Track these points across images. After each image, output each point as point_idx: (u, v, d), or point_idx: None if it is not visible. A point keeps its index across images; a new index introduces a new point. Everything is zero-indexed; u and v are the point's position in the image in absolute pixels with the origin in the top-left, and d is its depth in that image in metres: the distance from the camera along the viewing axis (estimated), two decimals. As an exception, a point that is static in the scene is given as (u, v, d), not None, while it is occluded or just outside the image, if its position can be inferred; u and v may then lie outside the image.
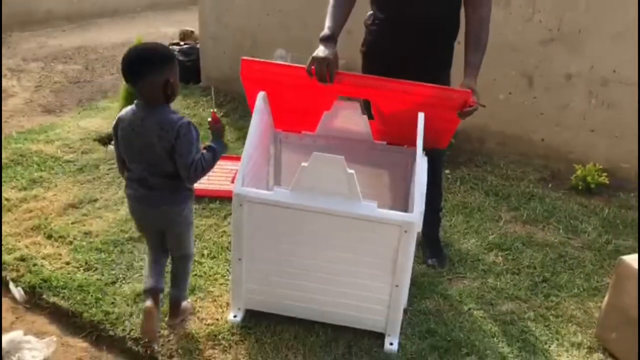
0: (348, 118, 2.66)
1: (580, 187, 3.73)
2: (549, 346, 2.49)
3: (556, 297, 2.78)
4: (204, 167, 2.15)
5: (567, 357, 2.45)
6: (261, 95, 2.41)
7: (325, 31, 2.48)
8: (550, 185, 3.83)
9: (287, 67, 2.56)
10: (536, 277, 2.91)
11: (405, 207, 2.62)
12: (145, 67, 2.08)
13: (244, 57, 2.48)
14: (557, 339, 2.54)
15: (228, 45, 5.08)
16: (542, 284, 2.87)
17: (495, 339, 2.51)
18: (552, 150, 4.00)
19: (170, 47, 5.49)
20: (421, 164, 2.35)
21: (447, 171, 3.86)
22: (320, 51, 2.38)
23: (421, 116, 2.35)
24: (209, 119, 2.25)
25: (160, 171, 2.16)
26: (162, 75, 2.07)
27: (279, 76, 2.48)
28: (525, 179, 3.88)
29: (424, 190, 2.39)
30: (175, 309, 2.42)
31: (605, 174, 3.73)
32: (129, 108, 2.18)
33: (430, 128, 2.34)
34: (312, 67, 2.36)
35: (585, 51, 3.74)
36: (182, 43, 5.63)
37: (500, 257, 3.06)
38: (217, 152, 2.20)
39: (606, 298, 2.48)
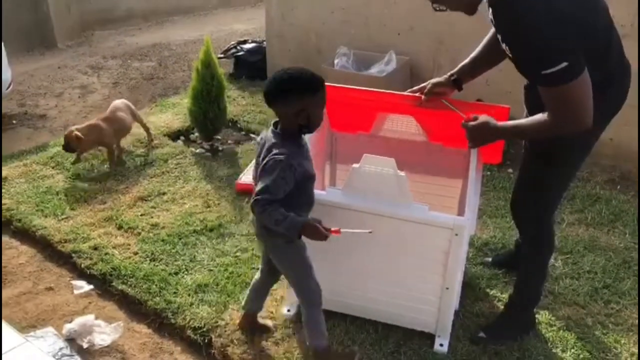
0: (403, 118, 2.68)
1: (651, 190, 3.57)
2: (606, 355, 2.43)
3: (617, 305, 2.70)
4: (263, 212, 1.93)
5: (626, 367, 2.39)
6: (316, 96, 2.46)
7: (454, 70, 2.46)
8: (618, 187, 3.69)
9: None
10: (597, 283, 2.83)
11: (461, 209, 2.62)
12: (278, 94, 1.98)
13: None
14: (616, 348, 2.47)
15: (293, 43, 5.18)
16: (603, 290, 2.79)
17: (549, 344, 2.47)
18: (621, 150, 3.84)
19: (238, 45, 5.66)
20: (475, 166, 2.34)
21: (509, 170, 3.79)
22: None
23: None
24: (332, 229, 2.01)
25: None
26: (295, 105, 1.95)
27: None
28: (591, 180, 3.75)
29: (478, 192, 2.38)
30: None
31: (679, 176, 3.56)
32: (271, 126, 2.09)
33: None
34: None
35: (660, 47, 3.55)
36: (249, 40, 5.78)
37: (560, 261, 2.99)
38: (284, 224, 1.94)
39: (669, 308, 2.39)
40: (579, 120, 1.94)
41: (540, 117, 2.04)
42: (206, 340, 2.48)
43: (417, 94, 2.45)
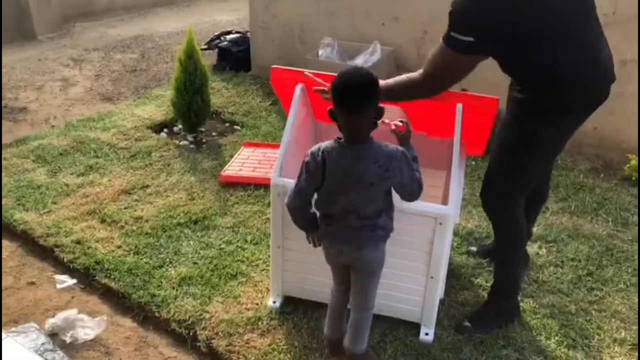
0: (387, 109, 2.66)
1: (633, 178, 3.60)
2: (590, 341, 2.45)
3: (600, 292, 2.73)
4: (420, 186, 2.05)
5: (609, 353, 2.40)
6: (299, 87, 2.45)
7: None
8: (601, 176, 3.72)
9: (314, 75, 2.49)
10: (580, 271, 2.85)
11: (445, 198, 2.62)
12: (371, 98, 1.91)
13: (274, 67, 2.54)
14: (599, 334, 2.49)
15: (277, 34, 5.14)
16: (587, 278, 2.81)
17: (533, 332, 2.49)
18: (604, 139, 3.87)
19: (221, 36, 5.61)
20: (458, 155, 2.33)
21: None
22: None
23: (459, 107, 2.33)
24: (393, 128, 2.08)
25: (363, 213, 2.02)
26: (377, 103, 1.94)
27: (308, 84, 2.50)
28: (575, 169, 3.78)
29: (462, 181, 2.37)
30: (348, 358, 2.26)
31: (661, 164, 3.59)
32: (332, 145, 2.00)
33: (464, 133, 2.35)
34: None
35: (642, 36, 3.58)
36: (233, 31, 5.73)
37: (544, 249, 3.01)
38: (416, 158, 2.07)
39: (651, 294, 2.42)
40: (435, 86, 2.19)
41: (408, 75, 2.22)
42: (191, 333, 2.46)
43: None
